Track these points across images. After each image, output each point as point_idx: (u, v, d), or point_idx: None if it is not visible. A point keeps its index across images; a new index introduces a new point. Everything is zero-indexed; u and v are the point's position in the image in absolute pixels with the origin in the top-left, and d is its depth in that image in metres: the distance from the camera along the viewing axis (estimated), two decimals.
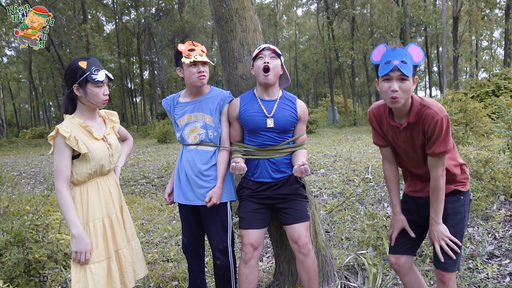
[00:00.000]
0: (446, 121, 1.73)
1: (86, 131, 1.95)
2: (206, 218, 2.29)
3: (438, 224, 1.87)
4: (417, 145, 1.86)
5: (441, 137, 1.74)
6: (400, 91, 1.70)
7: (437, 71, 36.92)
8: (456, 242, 1.87)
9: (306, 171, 1.97)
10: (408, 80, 1.71)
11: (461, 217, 1.91)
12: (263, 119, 2.18)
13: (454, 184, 1.92)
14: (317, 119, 18.94)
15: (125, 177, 8.31)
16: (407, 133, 1.85)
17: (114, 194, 2.07)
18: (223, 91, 2.33)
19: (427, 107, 1.75)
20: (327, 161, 8.48)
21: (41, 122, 41.76)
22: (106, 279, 1.94)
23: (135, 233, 2.21)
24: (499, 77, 15.99)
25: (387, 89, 1.73)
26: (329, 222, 4.31)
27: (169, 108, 2.37)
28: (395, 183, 2.07)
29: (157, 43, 28.01)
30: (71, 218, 1.86)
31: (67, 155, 1.87)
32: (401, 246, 2.05)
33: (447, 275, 1.89)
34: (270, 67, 2.13)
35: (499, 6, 26.07)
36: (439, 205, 1.86)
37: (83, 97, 1.92)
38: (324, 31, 32.18)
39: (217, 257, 2.28)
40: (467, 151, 4.69)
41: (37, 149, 17.99)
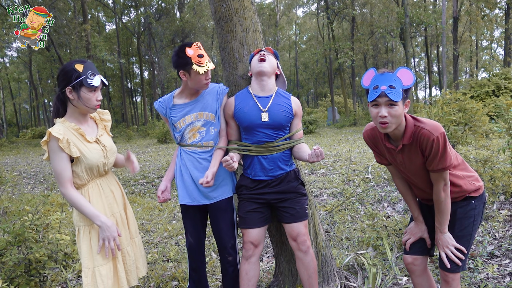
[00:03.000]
0: (443, 139, 1.71)
1: (78, 134, 1.92)
2: (215, 216, 2.28)
3: (443, 233, 1.89)
4: (417, 164, 1.84)
5: (439, 155, 1.73)
6: (389, 117, 1.69)
7: (437, 71, 36.91)
8: (461, 249, 1.87)
9: (322, 154, 1.94)
10: (397, 105, 1.69)
11: (470, 221, 1.90)
12: (258, 114, 2.17)
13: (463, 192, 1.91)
14: (317, 119, 18.94)
15: (125, 177, 8.32)
16: (404, 154, 1.84)
17: (116, 193, 2.07)
18: (215, 84, 2.32)
19: (422, 128, 1.72)
20: (327, 161, 8.48)
21: (41, 122, 41.75)
22: (113, 279, 1.95)
23: (137, 230, 2.22)
24: (499, 77, 16.00)
25: (375, 115, 1.72)
26: (329, 222, 4.31)
27: (164, 111, 2.31)
28: (411, 196, 2.06)
29: (157, 43, 28.01)
30: (90, 212, 1.86)
31: (65, 157, 1.84)
32: (418, 246, 2.05)
33: (450, 276, 1.90)
34: (266, 59, 2.16)
35: (499, 6, 26.06)
36: (443, 217, 1.86)
37: (75, 100, 1.89)
38: (324, 31, 32.18)
39: (230, 253, 2.28)
40: (466, 151, 4.70)
41: (37, 149, 18.00)
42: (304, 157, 2.12)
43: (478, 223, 1.93)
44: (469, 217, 1.91)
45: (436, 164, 1.75)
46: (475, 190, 1.92)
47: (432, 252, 2.07)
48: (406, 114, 1.79)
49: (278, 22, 35.22)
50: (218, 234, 2.30)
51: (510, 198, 4.33)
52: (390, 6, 25.00)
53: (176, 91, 2.35)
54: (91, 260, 1.90)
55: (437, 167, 1.76)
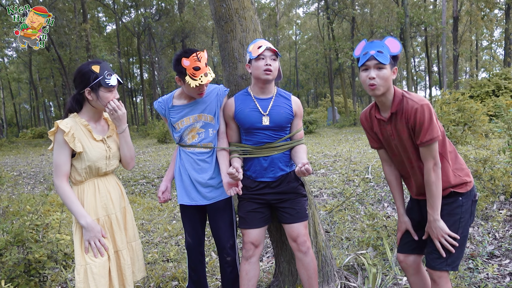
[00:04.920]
0: (428, 109, 1.75)
1: (86, 130, 1.95)
2: (214, 216, 2.28)
3: (436, 220, 1.84)
4: (405, 137, 1.86)
5: (425, 125, 1.76)
6: (377, 79, 1.78)
7: (437, 71, 36.91)
8: (455, 237, 1.84)
9: (308, 171, 1.95)
10: (385, 68, 1.78)
11: (455, 219, 1.86)
12: (259, 118, 2.17)
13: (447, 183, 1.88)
14: (317, 119, 18.92)
15: (125, 177, 8.32)
16: (392, 125, 1.89)
17: (114, 195, 2.05)
18: (215, 86, 2.30)
19: (408, 98, 1.82)
20: (327, 161, 8.48)
21: (41, 122, 41.77)
22: (107, 279, 1.94)
23: (137, 234, 2.20)
24: (499, 77, 16.01)
25: (365, 78, 1.81)
26: (329, 222, 4.31)
27: (164, 111, 2.31)
28: (397, 185, 2.08)
29: (157, 43, 28.00)
30: (77, 210, 1.88)
31: (67, 151, 1.88)
32: (409, 245, 2.05)
33: (437, 273, 1.87)
34: (272, 69, 2.12)
35: (499, 6, 26.06)
36: (435, 200, 1.83)
37: (94, 101, 1.93)
38: (324, 31, 32.18)
39: (228, 253, 2.28)
40: (466, 151, 4.70)
41: (37, 149, 17.99)
42: (297, 163, 2.13)
43: (466, 221, 1.88)
44: (455, 214, 1.86)
45: (424, 135, 1.77)
46: (461, 185, 1.88)
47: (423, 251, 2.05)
48: (395, 86, 1.88)
49: (278, 22, 35.21)
50: (217, 234, 2.30)
51: (510, 198, 4.33)
52: (390, 6, 25.01)
53: (176, 91, 2.33)
54: (83, 257, 1.90)
55: (424, 138, 1.78)
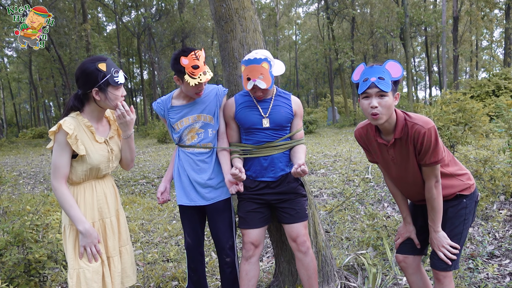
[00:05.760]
0: (434, 132, 1.74)
1: (89, 132, 1.88)
2: (213, 217, 2.27)
3: (437, 232, 1.90)
4: (408, 160, 1.85)
5: (431, 149, 1.76)
6: (380, 107, 1.72)
7: (437, 71, 36.90)
8: (455, 246, 1.89)
9: (304, 172, 1.96)
10: (387, 96, 1.72)
11: (461, 220, 1.92)
12: (259, 119, 2.17)
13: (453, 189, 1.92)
14: (317, 119, 18.93)
15: (125, 177, 8.31)
16: (395, 149, 1.86)
17: (109, 198, 1.99)
18: (214, 86, 2.29)
19: (413, 123, 1.77)
20: (327, 161, 8.48)
21: (41, 122, 41.71)
22: (100, 284, 1.87)
23: (129, 237, 2.14)
24: (499, 77, 16.01)
25: (367, 106, 1.74)
26: (329, 222, 4.31)
27: (163, 112, 2.30)
28: (401, 196, 2.08)
29: (157, 43, 28.00)
30: (75, 215, 1.80)
31: (68, 153, 1.81)
32: (409, 247, 2.06)
33: (442, 274, 1.92)
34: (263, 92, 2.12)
35: (499, 6, 26.05)
36: (436, 215, 1.88)
37: (102, 101, 1.84)
38: (324, 31, 32.17)
39: (228, 254, 2.28)
40: (466, 151, 4.70)
41: (37, 149, 17.99)
42: (294, 163, 2.13)
43: (469, 221, 1.94)
44: (460, 216, 1.92)
45: (429, 158, 1.78)
46: (466, 188, 1.93)
47: (425, 251, 2.09)
48: (396, 109, 1.83)
49: (278, 22, 35.20)
50: (216, 235, 2.30)
51: (510, 198, 4.33)
52: (390, 6, 25.00)
53: (174, 92, 2.32)
54: (76, 261, 1.84)
55: (429, 161, 1.78)
